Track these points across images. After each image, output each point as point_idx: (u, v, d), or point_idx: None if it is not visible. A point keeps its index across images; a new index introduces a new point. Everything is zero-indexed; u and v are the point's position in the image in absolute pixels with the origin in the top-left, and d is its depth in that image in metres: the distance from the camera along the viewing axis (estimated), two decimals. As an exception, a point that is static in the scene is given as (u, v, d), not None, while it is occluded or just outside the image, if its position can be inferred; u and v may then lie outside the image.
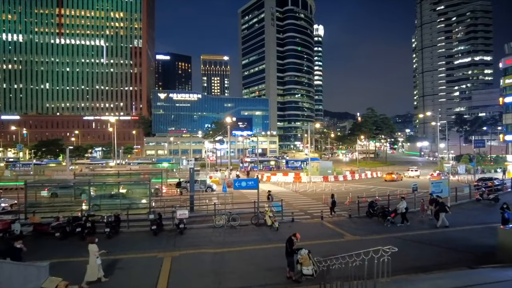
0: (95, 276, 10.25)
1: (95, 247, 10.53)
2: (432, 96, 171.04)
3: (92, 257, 10.27)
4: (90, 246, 10.50)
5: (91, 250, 10.37)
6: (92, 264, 10.22)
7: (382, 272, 6.93)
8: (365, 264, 7.26)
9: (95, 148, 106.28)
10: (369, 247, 12.77)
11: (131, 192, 25.24)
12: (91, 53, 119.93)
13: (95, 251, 10.38)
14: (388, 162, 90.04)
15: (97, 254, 10.40)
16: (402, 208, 18.63)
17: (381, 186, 39.44)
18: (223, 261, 12.78)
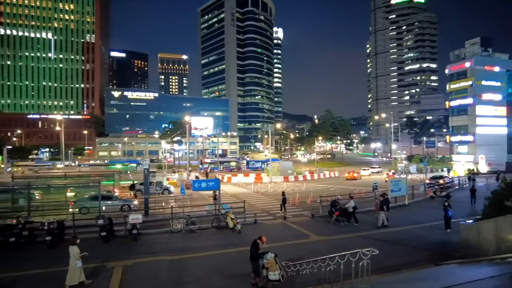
0: (76, 279, 9.66)
1: (76, 249, 9.92)
2: (385, 99, 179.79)
3: (73, 260, 9.68)
4: (71, 248, 9.86)
5: (71, 252, 9.76)
6: (72, 267, 9.66)
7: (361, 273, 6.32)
8: (341, 268, 6.62)
9: (42, 149, 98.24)
10: (337, 247, 12.33)
11: (79, 195, 23.09)
12: (37, 46, 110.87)
13: (76, 253, 9.80)
14: (344, 162, 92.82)
15: (78, 257, 9.79)
16: (350, 207, 18.75)
17: (341, 185, 40.09)
18: (182, 269, 11.63)
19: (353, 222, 18.51)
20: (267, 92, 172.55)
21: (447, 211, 16.24)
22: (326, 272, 6.92)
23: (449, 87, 58.32)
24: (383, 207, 17.93)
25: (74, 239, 10.35)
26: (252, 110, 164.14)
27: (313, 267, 7.70)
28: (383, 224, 17.60)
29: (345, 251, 7.08)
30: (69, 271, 9.67)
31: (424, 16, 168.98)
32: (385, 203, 18.05)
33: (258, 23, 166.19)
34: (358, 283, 6.42)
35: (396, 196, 23.92)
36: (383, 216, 17.75)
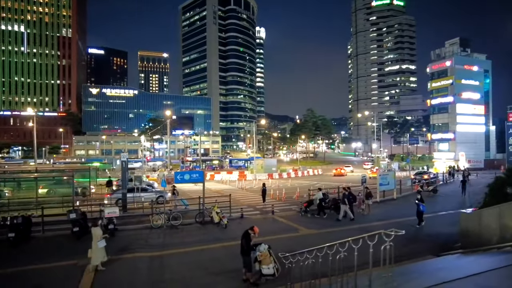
0: (99, 259, 10.01)
1: (99, 230, 10.34)
2: (365, 100, 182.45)
3: (95, 241, 10.00)
4: (94, 229, 10.27)
5: (94, 234, 10.15)
6: (94, 248, 9.95)
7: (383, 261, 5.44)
8: (355, 255, 5.71)
9: (14, 148, 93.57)
10: (330, 240, 11.47)
11: (53, 192, 21.50)
12: (8, 40, 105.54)
13: (99, 234, 10.16)
14: (326, 161, 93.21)
15: (100, 238, 10.12)
16: (317, 199, 18.62)
17: (327, 181, 39.61)
18: (163, 266, 10.49)
19: (322, 215, 18.19)
20: (249, 91, 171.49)
21: (419, 205, 15.65)
22: (337, 261, 6.00)
23: (430, 86, 59.19)
24: (344, 200, 17.47)
25: (96, 221, 11.01)
26: (235, 109, 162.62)
27: (313, 257, 6.80)
28: (345, 217, 17.16)
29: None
30: (92, 252, 9.94)
31: (403, 19, 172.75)
32: (347, 197, 17.51)
33: (240, 21, 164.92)
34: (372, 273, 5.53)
35: (384, 190, 23.51)
36: (345, 209, 17.29)
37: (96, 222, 10.91)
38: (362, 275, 5.96)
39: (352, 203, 17.84)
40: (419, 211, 15.52)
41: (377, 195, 22.97)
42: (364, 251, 5.63)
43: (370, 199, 19.53)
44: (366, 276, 5.55)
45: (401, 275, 6.55)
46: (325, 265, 6.55)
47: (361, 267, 5.77)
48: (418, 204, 15.62)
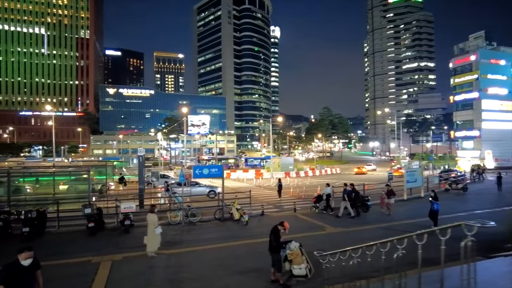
0: (155, 246, 10.12)
1: (155, 216, 10.37)
2: (382, 98, 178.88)
3: (151, 227, 10.04)
4: (150, 215, 10.31)
5: (150, 220, 10.18)
6: (150, 235, 10.01)
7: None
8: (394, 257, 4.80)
9: (35, 147, 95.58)
10: (361, 239, 10.50)
11: (73, 188, 21.32)
12: (29, 42, 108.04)
13: (155, 221, 10.21)
14: (343, 160, 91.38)
15: (156, 224, 10.20)
16: (324, 194, 18.33)
17: (347, 180, 38.31)
18: (182, 265, 9.75)
19: (329, 212, 17.59)
20: (264, 91, 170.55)
21: (433, 204, 14.00)
22: (392, 260, 5.10)
23: (453, 81, 56.86)
24: (344, 196, 16.83)
25: (152, 207, 10.84)
26: (249, 109, 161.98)
27: (357, 258, 5.92)
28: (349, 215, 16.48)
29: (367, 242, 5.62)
30: (148, 239, 9.99)
31: (421, 15, 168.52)
32: (347, 193, 16.84)
33: (255, 21, 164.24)
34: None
35: (411, 187, 22.23)
36: (346, 206, 16.68)
37: (152, 208, 10.77)
38: (409, 276, 5.08)
39: (356, 200, 17.19)
40: (433, 210, 13.92)
41: (404, 192, 21.78)
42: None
43: (391, 198, 18.22)
44: (415, 277, 4.64)
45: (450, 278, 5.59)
46: (366, 266, 5.65)
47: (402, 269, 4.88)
48: (432, 203, 14.06)
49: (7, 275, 4.80)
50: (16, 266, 4.94)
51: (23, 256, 5.00)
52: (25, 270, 5.00)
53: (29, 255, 5.02)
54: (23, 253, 5.01)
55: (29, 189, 20.91)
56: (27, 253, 5.02)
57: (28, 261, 5.00)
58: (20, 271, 4.94)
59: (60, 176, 21.73)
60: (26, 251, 5.03)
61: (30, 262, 5.02)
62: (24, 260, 4.98)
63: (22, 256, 5.00)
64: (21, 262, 4.97)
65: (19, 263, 4.97)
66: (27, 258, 5.00)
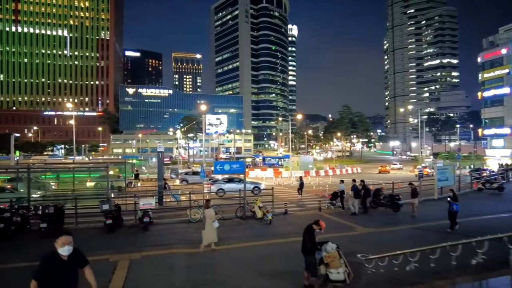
0: (210, 239, 10.33)
1: (211, 211, 10.74)
2: (403, 96, 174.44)
3: (209, 222, 10.36)
4: (207, 210, 10.62)
5: (207, 215, 10.50)
6: (207, 229, 10.28)
7: None
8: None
9: (57, 146, 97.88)
10: (396, 239, 9.54)
11: (100, 185, 21.26)
12: (53, 44, 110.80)
13: (212, 215, 10.57)
14: (363, 160, 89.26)
15: (214, 218, 10.56)
16: (338, 191, 18.05)
17: (370, 179, 36.96)
18: (204, 265, 9.05)
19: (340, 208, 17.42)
20: (281, 89, 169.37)
21: (451, 205, 12.59)
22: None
23: (481, 77, 54.21)
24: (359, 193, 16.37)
25: (208, 202, 11.05)
26: (266, 108, 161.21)
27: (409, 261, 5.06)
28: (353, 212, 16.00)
29: (407, 244, 4.75)
30: (205, 232, 10.23)
31: (444, 10, 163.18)
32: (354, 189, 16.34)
33: (272, 19, 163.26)
34: None
35: (442, 186, 20.87)
36: (354, 203, 16.14)
37: (207, 204, 10.96)
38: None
39: (366, 197, 16.68)
40: (452, 212, 12.53)
41: (434, 192, 20.49)
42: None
43: (415, 198, 16.75)
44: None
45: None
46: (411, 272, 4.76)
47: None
48: (451, 203, 12.67)
49: (43, 268, 3.96)
50: (52, 257, 4.04)
51: (60, 241, 4.03)
52: (64, 263, 4.04)
53: (67, 240, 4.05)
54: (61, 236, 4.06)
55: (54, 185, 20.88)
56: (65, 237, 4.05)
57: (67, 248, 4.04)
58: (57, 263, 4.01)
59: (79, 173, 21.56)
60: (63, 235, 4.09)
61: (71, 252, 4.08)
62: (61, 246, 4.02)
63: (60, 242, 4.03)
64: (59, 250, 4.03)
65: (57, 254, 4.05)
66: (65, 244, 4.02)
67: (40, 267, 3.97)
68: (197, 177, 23.82)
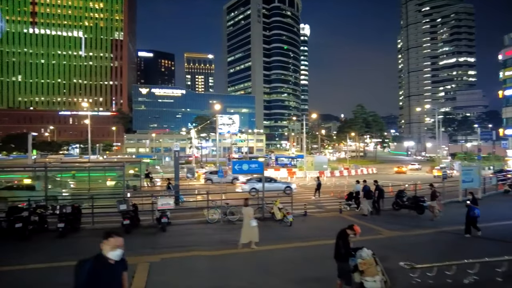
0: (248, 238, 10.25)
1: (250, 209, 10.70)
2: (417, 96, 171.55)
3: (247, 220, 10.31)
4: (245, 209, 10.65)
5: (246, 213, 10.49)
6: (246, 228, 10.27)
7: None
8: None
9: (72, 145, 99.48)
10: (426, 244, 9.04)
11: (119, 185, 21.15)
12: (68, 45, 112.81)
13: (251, 214, 10.51)
14: (377, 160, 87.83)
15: (252, 217, 10.49)
16: (354, 191, 17.82)
17: (387, 180, 36.12)
18: (226, 268, 8.68)
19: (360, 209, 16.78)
20: (293, 89, 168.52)
21: (471, 209, 11.55)
22: None
23: (502, 75, 52.67)
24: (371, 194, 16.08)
25: (246, 201, 11.11)
26: (278, 108, 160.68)
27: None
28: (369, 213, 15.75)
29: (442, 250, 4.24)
30: (243, 231, 10.24)
31: (460, 7, 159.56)
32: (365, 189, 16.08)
33: (284, 19, 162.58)
34: None
35: (467, 188, 20.03)
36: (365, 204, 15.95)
37: (246, 202, 11.02)
38: None
39: (380, 198, 16.38)
40: (471, 217, 11.53)
41: (459, 193, 19.72)
42: None
43: (434, 201, 15.94)
44: None
45: None
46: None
47: None
48: (471, 207, 11.61)
49: (90, 277, 3.19)
50: (100, 262, 3.31)
51: (112, 243, 3.32)
52: (112, 269, 3.35)
53: (120, 243, 3.37)
54: (111, 238, 3.34)
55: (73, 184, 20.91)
56: (118, 239, 3.34)
57: (118, 252, 3.36)
58: (104, 269, 3.29)
59: (95, 172, 21.55)
60: (114, 236, 3.37)
61: (121, 256, 3.40)
62: (113, 249, 3.32)
63: (111, 244, 3.32)
64: (109, 253, 3.32)
65: (104, 258, 3.32)
66: (116, 247, 3.34)
67: (87, 276, 3.20)
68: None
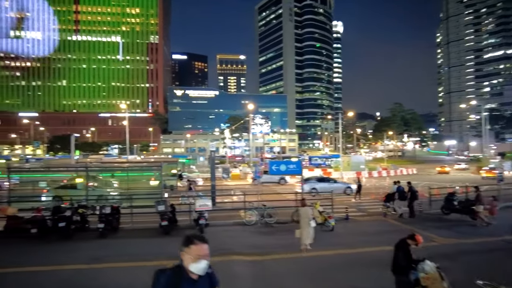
0: (309, 239, 10.06)
1: (309, 210, 10.60)
2: (459, 92, 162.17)
3: (305, 221, 10.11)
4: (303, 209, 10.44)
5: (303, 213, 10.28)
6: (304, 228, 10.04)
7: None
8: None
9: (111, 146, 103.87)
10: (491, 254, 8.13)
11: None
12: (107, 50, 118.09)
13: (309, 214, 10.34)
14: (416, 160, 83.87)
15: (311, 217, 10.39)
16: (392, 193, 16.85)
17: (430, 181, 34.09)
18: (270, 275, 8.21)
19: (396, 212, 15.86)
20: (326, 87, 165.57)
21: None
22: None
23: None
24: (404, 195, 15.69)
25: (303, 201, 10.96)
26: (311, 107, 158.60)
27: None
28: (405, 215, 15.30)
29: None
30: (301, 232, 10.01)
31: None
32: (399, 190, 15.86)
33: (317, 16, 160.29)
34: None
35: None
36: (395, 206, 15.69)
37: (303, 202, 10.86)
38: None
39: (413, 200, 15.65)
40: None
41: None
42: None
43: (480, 205, 14.17)
44: None
45: None
46: None
47: None
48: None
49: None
50: (179, 276, 2.46)
51: (193, 252, 2.44)
52: (196, 287, 2.51)
53: (203, 252, 2.48)
54: (192, 245, 2.46)
55: (117, 184, 21.39)
56: (200, 247, 2.47)
57: (203, 265, 2.47)
58: (187, 286, 2.46)
59: (133, 172, 21.94)
60: (197, 242, 2.49)
61: (206, 269, 2.52)
62: (196, 260, 2.43)
63: (192, 253, 2.44)
64: (191, 266, 2.43)
65: (185, 271, 2.47)
66: (200, 258, 2.45)
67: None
68: (268, 176, 23.28)
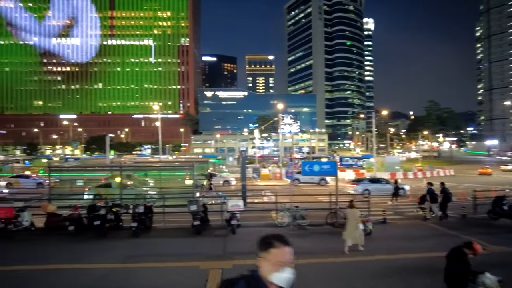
0: (355, 240, 9.91)
1: (357, 211, 10.35)
2: (502, 89, 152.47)
3: (353, 223, 9.95)
4: (350, 211, 10.30)
5: (351, 215, 10.11)
6: (350, 230, 9.89)
7: None
8: None
9: (144, 146, 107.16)
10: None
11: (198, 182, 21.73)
12: (140, 53, 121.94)
13: (357, 216, 10.16)
14: (453, 161, 79.57)
15: (359, 220, 10.24)
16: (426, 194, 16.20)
17: (471, 183, 32.18)
18: (305, 281, 7.86)
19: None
20: (357, 86, 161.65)
21: None
22: None
23: None
24: (436, 197, 15.23)
25: (352, 202, 10.82)
26: (341, 106, 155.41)
27: None
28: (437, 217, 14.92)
29: None
30: (348, 234, 9.84)
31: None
32: (430, 192, 15.33)
33: (347, 14, 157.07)
34: None
35: None
36: (430, 207, 15.22)
37: (351, 204, 10.77)
38: None
39: (447, 202, 15.25)
40: None
41: None
42: None
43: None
44: None
45: None
46: None
47: None
48: None
49: None
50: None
51: (274, 257, 1.94)
52: None
53: (287, 257, 1.97)
54: (273, 248, 1.96)
55: (152, 183, 21.80)
56: (283, 250, 1.97)
57: (287, 274, 1.94)
58: None
59: (165, 172, 22.24)
60: (279, 245, 1.97)
61: (291, 280, 1.98)
62: (277, 270, 1.93)
63: (272, 259, 1.94)
64: (273, 276, 1.92)
65: (262, 282, 1.96)
66: (283, 265, 1.94)
67: None
68: (307, 177, 23.04)
